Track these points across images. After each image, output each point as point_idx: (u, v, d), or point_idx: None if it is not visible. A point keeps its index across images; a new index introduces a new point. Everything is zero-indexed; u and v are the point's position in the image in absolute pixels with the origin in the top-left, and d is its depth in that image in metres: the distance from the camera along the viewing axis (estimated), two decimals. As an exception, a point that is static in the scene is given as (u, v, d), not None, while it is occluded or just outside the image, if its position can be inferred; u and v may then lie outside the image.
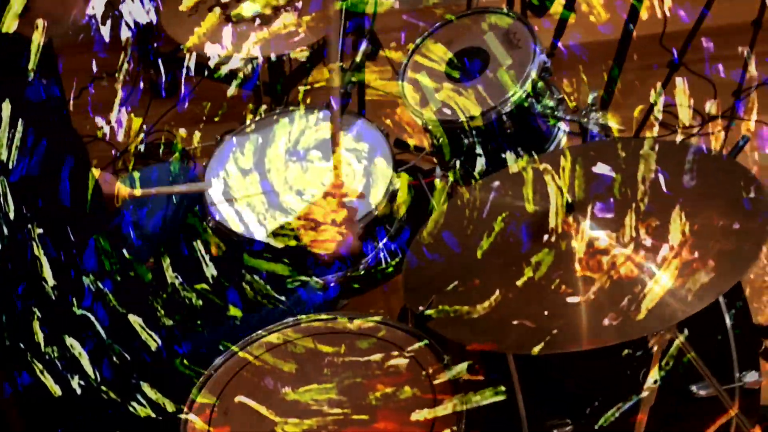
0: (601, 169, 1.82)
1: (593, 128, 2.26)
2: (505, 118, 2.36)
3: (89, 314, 1.66)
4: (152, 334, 1.71)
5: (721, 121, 3.29)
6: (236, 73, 2.86)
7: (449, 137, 2.43)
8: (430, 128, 2.45)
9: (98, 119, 2.52)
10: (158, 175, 2.44)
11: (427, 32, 2.59)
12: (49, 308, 1.67)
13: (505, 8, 2.56)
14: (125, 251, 1.71)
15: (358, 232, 2.03)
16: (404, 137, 3.13)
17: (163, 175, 2.44)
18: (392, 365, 1.76)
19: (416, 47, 2.57)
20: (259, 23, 2.72)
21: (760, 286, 2.75)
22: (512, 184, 1.93)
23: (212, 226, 2.29)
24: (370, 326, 1.85)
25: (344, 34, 2.67)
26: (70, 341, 1.69)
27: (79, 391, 1.73)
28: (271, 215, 2.29)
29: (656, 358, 1.63)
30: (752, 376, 1.88)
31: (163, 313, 1.72)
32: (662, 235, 1.63)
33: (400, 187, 2.33)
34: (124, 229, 2.29)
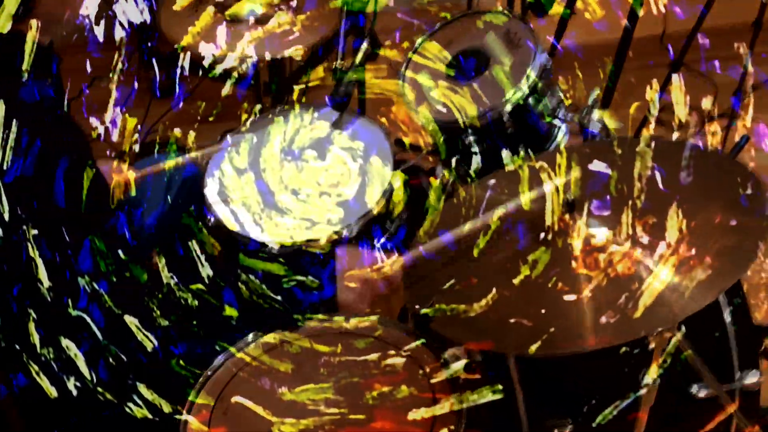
0: (597, 166, 1.82)
1: (594, 128, 2.26)
2: (505, 118, 2.36)
3: (85, 315, 1.66)
4: (148, 334, 1.70)
5: (720, 120, 3.28)
6: (231, 72, 2.85)
7: (447, 137, 2.43)
8: (428, 128, 2.44)
9: (93, 119, 2.51)
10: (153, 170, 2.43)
11: (427, 33, 2.59)
12: (44, 309, 1.66)
13: (500, 7, 2.56)
14: (121, 252, 1.70)
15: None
16: (399, 135, 3.12)
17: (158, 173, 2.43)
18: (389, 364, 1.75)
19: (416, 47, 2.56)
20: (253, 22, 2.71)
21: (757, 282, 2.74)
22: (508, 182, 1.93)
23: (212, 225, 2.28)
24: (366, 325, 1.85)
25: (345, 33, 2.67)
26: (65, 342, 1.68)
27: (75, 392, 1.72)
28: (266, 215, 2.28)
29: (655, 356, 1.63)
30: (752, 375, 1.87)
31: (158, 313, 1.71)
32: (659, 232, 1.63)
33: (397, 186, 2.32)
34: (119, 229, 2.28)
